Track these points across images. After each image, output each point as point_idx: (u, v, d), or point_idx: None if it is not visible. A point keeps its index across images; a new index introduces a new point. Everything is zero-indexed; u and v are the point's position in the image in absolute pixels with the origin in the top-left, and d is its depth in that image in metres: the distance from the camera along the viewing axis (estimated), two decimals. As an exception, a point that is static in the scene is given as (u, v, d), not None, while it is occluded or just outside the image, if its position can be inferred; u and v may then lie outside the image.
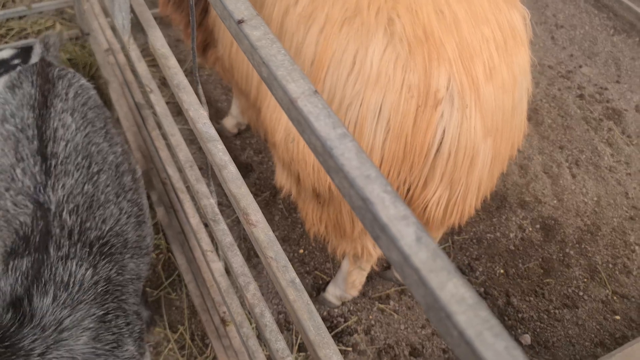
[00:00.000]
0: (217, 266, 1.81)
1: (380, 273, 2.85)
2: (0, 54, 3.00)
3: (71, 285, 1.52)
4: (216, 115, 3.49)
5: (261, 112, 1.93)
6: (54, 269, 1.52)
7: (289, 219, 3.04)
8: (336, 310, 2.71)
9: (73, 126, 1.79)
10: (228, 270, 1.76)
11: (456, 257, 2.96)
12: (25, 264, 1.53)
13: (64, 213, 1.64)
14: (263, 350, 1.73)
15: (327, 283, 2.74)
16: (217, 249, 1.82)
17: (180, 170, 2.07)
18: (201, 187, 1.63)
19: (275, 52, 0.78)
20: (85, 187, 1.72)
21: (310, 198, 1.89)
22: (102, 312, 1.54)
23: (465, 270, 2.91)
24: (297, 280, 1.18)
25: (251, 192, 1.95)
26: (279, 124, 1.77)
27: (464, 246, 2.99)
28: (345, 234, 1.97)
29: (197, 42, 2.71)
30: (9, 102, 1.83)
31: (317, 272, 2.85)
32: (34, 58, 2.19)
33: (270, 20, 1.77)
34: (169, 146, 2.14)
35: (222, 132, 3.32)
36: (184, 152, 1.71)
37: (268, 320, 1.31)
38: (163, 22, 3.50)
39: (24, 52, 3.00)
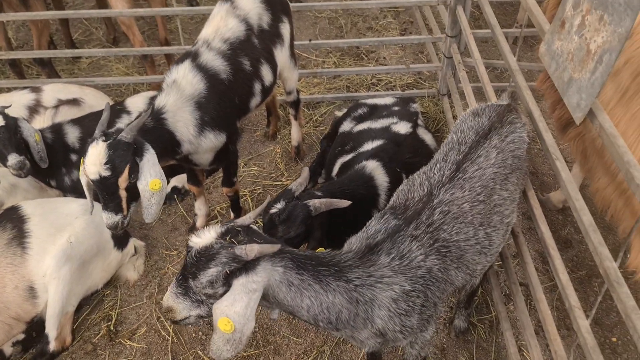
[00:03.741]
0: (584, 323, 2.00)
1: None
2: (383, 100, 3.75)
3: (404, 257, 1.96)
4: (541, 187, 3.71)
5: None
6: (401, 240, 1.98)
7: (604, 304, 3.05)
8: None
9: (492, 161, 2.21)
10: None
11: None
12: (392, 223, 2.03)
13: (437, 210, 2.06)
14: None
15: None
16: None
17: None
18: (603, 250, 1.85)
19: None
20: (465, 205, 2.12)
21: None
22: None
23: None
24: None
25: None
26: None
27: None
28: None
29: (558, 118, 3.02)
30: (465, 122, 2.38)
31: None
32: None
33: None
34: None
35: (545, 205, 3.52)
36: (587, 217, 1.97)
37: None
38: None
39: (402, 101, 3.69)
